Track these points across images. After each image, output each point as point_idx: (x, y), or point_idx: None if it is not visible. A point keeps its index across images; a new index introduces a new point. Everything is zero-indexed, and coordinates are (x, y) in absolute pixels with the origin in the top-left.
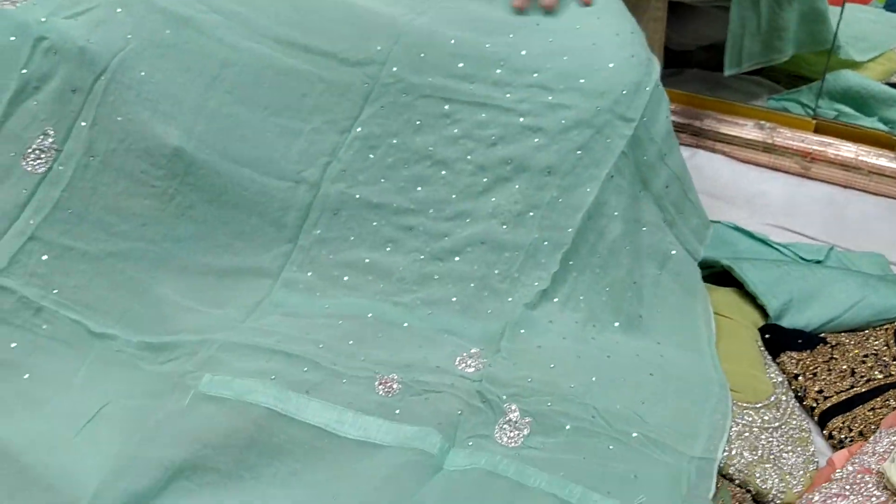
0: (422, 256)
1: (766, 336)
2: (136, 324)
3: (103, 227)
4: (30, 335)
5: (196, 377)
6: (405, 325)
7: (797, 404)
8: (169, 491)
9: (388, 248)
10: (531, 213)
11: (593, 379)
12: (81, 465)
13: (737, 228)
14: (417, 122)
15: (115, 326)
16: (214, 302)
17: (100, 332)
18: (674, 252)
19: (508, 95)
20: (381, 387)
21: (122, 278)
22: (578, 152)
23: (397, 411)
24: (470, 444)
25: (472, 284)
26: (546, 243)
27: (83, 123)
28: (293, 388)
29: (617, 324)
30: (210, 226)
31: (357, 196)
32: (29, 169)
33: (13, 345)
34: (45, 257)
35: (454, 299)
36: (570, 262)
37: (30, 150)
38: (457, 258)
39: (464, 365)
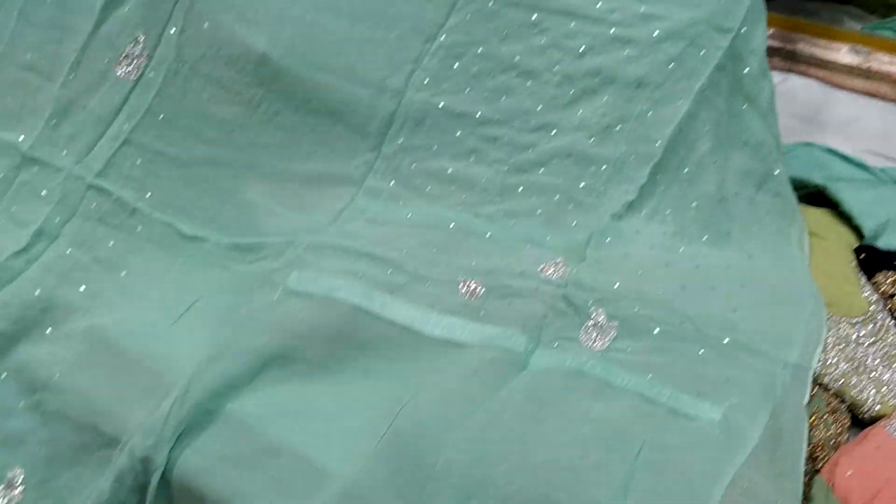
0: (505, 168)
1: (861, 256)
2: (225, 227)
3: (192, 133)
4: (125, 235)
5: (284, 275)
6: (488, 235)
7: (893, 322)
8: (260, 378)
9: (471, 159)
10: (619, 127)
11: (682, 286)
12: (177, 351)
13: (831, 151)
14: (504, 32)
15: (206, 229)
16: (300, 207)
17: (191, 235)
18: (777, 171)
19: (599, 5)
20: (464, 289)
21: (210, 183)
22: (671, 65)
23: (481, 312)
24: (555, 345)
25: (556, 197)
26: (633, 157)
27: (172, 30)
28: (378, 288)
29: (705, 237)
30: (295, 133)
31: (441, 105)
32: (122, 75)
33: (111, 243)
34: (138, 161)
35: (538, 211)
36: (658, 176)
37: (123, 57)
38: (541, 170)
39: (549, 272)
